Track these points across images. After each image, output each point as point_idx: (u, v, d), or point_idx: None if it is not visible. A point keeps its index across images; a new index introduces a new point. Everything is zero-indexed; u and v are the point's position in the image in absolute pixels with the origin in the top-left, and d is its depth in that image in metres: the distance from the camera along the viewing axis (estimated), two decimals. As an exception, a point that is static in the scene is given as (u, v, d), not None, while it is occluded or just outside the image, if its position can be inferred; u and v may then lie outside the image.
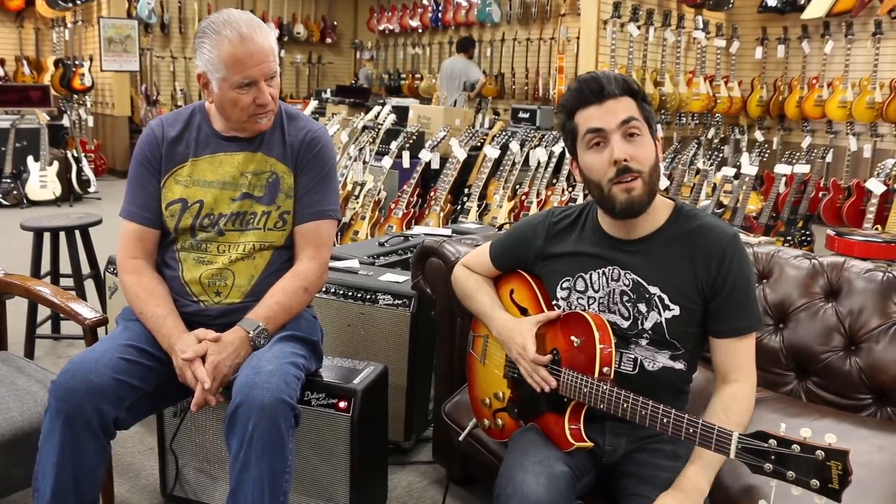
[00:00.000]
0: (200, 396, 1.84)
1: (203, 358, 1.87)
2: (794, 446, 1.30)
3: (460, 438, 2.10)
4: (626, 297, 1.70)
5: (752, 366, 1.67)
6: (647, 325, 1.67)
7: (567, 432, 1.66)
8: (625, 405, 1.55)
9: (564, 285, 1.78)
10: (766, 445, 1.33)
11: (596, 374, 1.61)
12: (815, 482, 1.28)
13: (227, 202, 2.04)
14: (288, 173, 2.07)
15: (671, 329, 1.65)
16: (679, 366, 1.69)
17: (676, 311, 1.65)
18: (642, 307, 1.68)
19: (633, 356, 1.69)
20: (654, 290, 1.66)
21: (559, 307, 1.78)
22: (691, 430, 1.44)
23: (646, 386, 1.62)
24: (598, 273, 1.73)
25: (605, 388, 1.59)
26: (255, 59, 1.90)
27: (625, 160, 1.59)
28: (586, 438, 1.67)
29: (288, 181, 2.07)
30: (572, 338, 1.67)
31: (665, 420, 1.48)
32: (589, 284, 1.75)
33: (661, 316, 1.66)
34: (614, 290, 1.71)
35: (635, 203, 1.62)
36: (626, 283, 1.69)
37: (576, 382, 1.64)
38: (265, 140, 2.07)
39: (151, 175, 2.06)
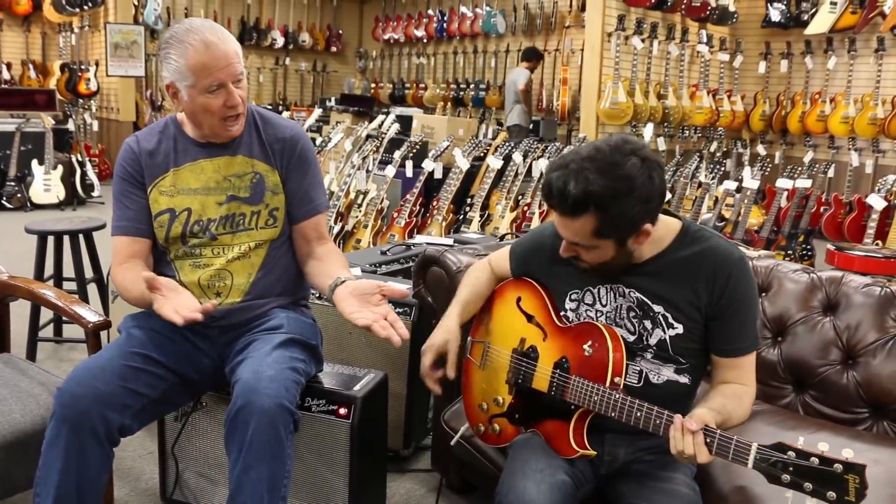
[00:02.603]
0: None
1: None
2: (813, 459, 1.33)
3: (451, 443, 2.11)
4: (632, 314, 1.72)
5: (753, 377, 1.71)
6: (652, 340, 1.70)
7: (571, 439, 1.68)
8: (638, 414, 1.57)
9: (573, 297, 1.81)
10: (785, 457, 1.36)
11: (608, 383, 1.63)
12: (832, 494, 1.31)
13: (214, 207, 2.06)
14: (271, 172, 2.10)
15: (675, 346, 1.68)
16: (683, 379, 1.71)
17: (680, 329, 1.68)
18: (647, 324, 1.70)
19: (638, 368, 1.71)
20: (658, 308, 1.69)
21: (568, 318, 1.81)
22: (708, 440, 1.45)
23: (650, 399, 1.62)
24: (606, 288, 1.76)
25: (617, 396, 1.60)
26: (221, 63, 1.92)
27: (570, 255, 1.71)
28: (589, 446, 1.68)
29: (272, 179, 2.10)
30: (584, 346, 1.69)
31: None
32: (597, 298, 1.77)
33: (665, 333, 1.69)
34: (621, 305, 1.74)
35: (589, 274, 1.75)
36: (632, 300, 1.72)
37: (586, 390, 1.65)
38: (242, 142, 2.09)
39: (136, 187, 2.07)
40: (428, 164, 5.82)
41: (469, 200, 5.91)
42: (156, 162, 2.07)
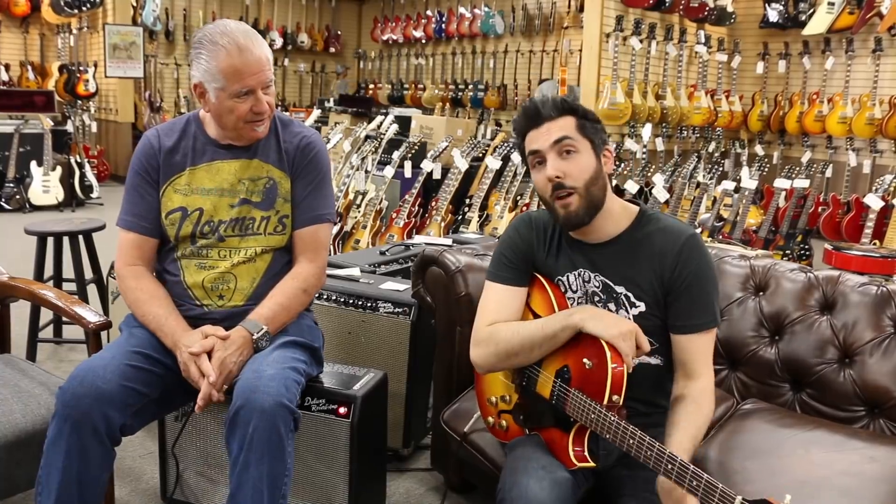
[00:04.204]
0: (206, 390, 1.86)
1: (209, 354, 1.90)
2: None
3: (465, 429, 2.11)
4: (597, 298, 1.78)
5: (709, 362, 1.73)
6: None
7: (571, 453, 1.66)
8: (630, 441, 1.54)
9: None
10: None
11: (605, 401, 1.60)
12: None
13: (225, 209, 2.07)
14: (285, 178, 2.11)
15: (640, 325, 1.68)
16: (655, 361, 1.76)
17: (642, 307, 1.74)
18: (612, 306, 1.76)
19: None
20: (619, 289, 1.75)
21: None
22: (695, 483, 1.42)
23: (627, 383, 1.63)
24: (574, 275, 1.81)
25: (612, 419, 1.57)
26: (253, 69, 1.94)
27: (557, 177, 1.70)
28: (590, 459, 1.67)
29: (285, 186, 2.11)
30: (584, 360, 1.65)
31: (669, 466, 1.47)
32: (567, 286, 1.82)
33: (628, 313, 1.74)
34: (588, 290, 1.79)
35: (572, 217, 1.73)
36: (597, 284, 1.78)
37: (583, 406, 1.63)
38: (261, 147, 2.11)
39: (149, 184, 2.09)
40: (426, 165, 5.83)
41: (468, 201, 5.92)
42: (174, 160, 2.09)
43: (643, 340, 1.64)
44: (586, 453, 1.67)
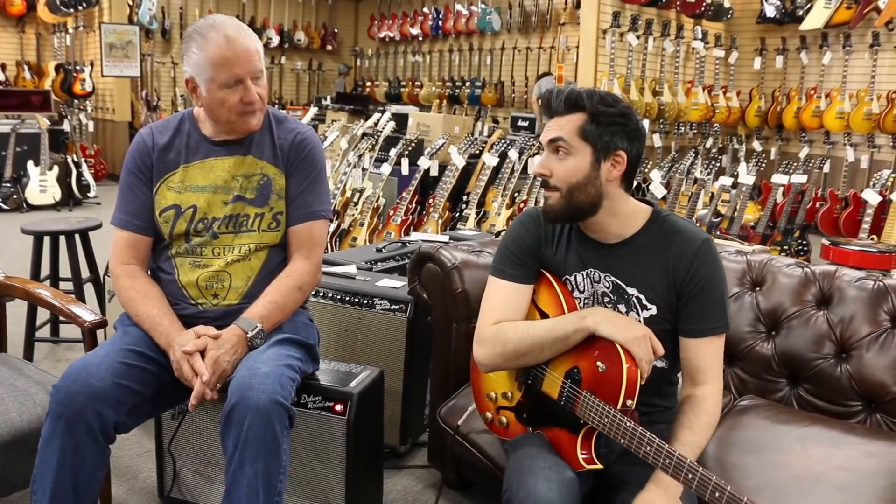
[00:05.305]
0: (199, 389, 1.85)
1: (202, 353, 1.89)
2: None
3: (459, 422, 2.11)
4: (606, 299, 1.75)
5: (718, 368, 1.71)
6: None
7: (579, 456, 1.65)
8: (648, 448, 1.52)
9: None
10: None
11: (619, 405, 1.57)
12: None
13: (219, 206, 2.07)
14: (279, 175, 2.10)
15: (651, 328, 1.67)
16: (660, 364, 1.74)
17: (654, 310, 1.71)
18: (622, 308, 1.73)
19: None
20: (632, 291, 1.72)
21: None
22: (717, 494, 1.40)
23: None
24: (583, 275, 1.78)
25: (629, 424, 1.55)
26: (241, 58, 1.95)
27: (542, 173, 1.70)
28: (597, 461, 1.65)
29: (279, 182, 2.10)
30: (598, 363, 1.63)
31: (690, 476, 1.45)
32: (574, 286, 1.79)
33: (639, 315, 1.72)
34: (597, 291, 1.76)
35: (549, 213, 1.73)
36: (607, 285, 1.75)
37: (596, 409, 1.61)
38: (255, 143, 2.10)
39: (143, 183, 2.08)
40: (424, 162, 5.82)
41: (465, 198, 5.91)
42: (167, 158, 2.09)
43: (657, 344, 1.63)
44: (594, 456, 1.66)
